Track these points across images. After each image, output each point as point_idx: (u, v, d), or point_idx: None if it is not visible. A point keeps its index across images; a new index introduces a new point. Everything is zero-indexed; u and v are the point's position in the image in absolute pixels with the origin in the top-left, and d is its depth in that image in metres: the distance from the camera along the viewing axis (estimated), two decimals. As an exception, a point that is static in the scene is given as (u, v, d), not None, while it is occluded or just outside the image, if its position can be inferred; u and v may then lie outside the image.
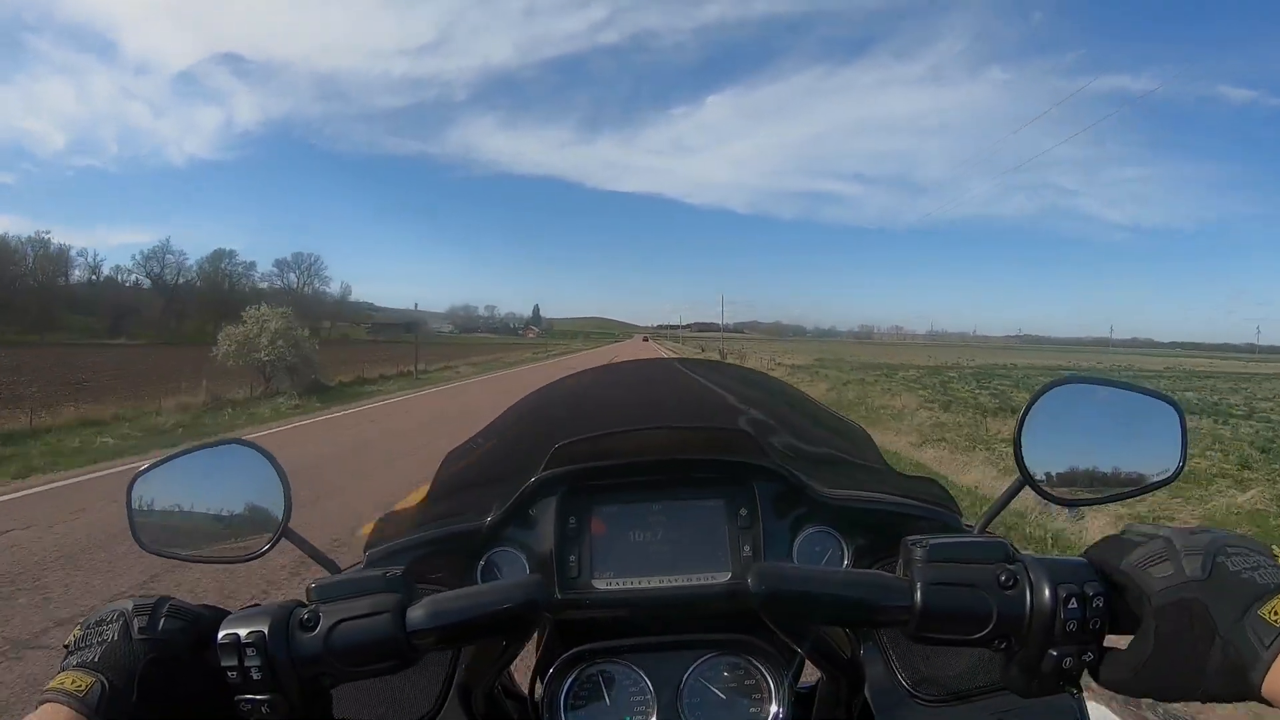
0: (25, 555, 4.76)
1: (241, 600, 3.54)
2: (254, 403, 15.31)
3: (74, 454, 9.07)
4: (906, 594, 0.56)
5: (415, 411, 14.67)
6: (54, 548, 4.93)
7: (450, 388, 21.52)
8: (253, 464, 0.68)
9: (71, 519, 5.69)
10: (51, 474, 7.84)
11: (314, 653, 0.56)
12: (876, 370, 36.65)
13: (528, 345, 64.63)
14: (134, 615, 0.56)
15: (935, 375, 33.77)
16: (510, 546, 0.80)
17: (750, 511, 0.78)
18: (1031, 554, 0.59)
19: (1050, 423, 0.66)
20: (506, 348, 63.32)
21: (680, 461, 0.80)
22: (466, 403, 15.90)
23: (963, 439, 11.14)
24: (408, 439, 10.36)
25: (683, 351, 57.14)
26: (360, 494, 6.55)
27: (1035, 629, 0.55)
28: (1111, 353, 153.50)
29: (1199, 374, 50.24)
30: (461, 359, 36.20)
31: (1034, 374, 36.13)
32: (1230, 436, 13.29)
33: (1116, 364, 62.91)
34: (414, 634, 0.56)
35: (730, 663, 0.75)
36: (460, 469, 0.93)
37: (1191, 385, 33.75)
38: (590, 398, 1.07)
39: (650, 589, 0.76)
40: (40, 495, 6.75)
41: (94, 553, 4.81)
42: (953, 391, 21.97)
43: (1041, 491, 0.66)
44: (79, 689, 0.50)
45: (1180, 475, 0.68)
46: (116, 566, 4.52)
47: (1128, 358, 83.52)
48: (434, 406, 15.69)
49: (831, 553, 0.80)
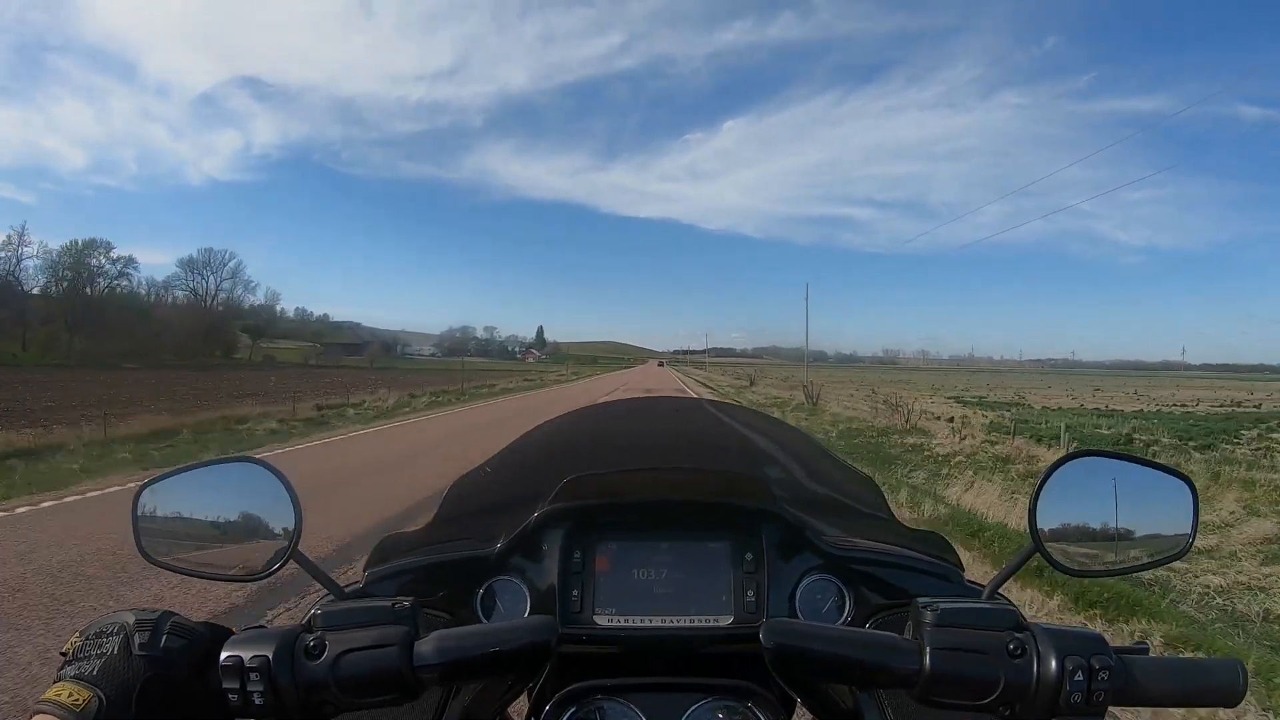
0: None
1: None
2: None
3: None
4: (915, 657, 0.57)
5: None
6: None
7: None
8: (264, 483, 0.68)
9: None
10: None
11: (318, 680, 0.56)
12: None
13: (521, 371, 50.57)
14: (135, 630, 0.55)
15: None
16: (513, 576, 0.79)
17: (755, 556, 0.78)
18: (1042, 623, 0.59)
19: (1065, 493, 0.67)
20: (495, 374, 47.05)
21: (688, 504, 0.80)
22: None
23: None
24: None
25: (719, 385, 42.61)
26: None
27: (1040, 698, 0.56)
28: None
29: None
30: (423, 386, 29.01)
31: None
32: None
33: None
34: (420, 669, 0.56)
35: (728, 707, 0.75)
36: (468, 495, 0.93)
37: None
38: (602, 431, 1.07)
39: (652, 628, 0.76)
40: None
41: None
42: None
43: (1052, 560, 0.67)
44: (76, 703, 0.50)
45: (1189, 551, 0.69)
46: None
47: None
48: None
49: (834, 601, 0.80)
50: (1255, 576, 5.54)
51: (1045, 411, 26.59)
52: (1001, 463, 10.94)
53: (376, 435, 13.53)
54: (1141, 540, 0.69)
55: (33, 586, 4.19)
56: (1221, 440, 15.55)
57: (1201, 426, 19.10)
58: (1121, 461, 0.69)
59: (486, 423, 15.91)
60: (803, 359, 42.47)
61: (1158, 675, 0.59)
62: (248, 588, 4.02)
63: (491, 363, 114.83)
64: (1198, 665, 0.62)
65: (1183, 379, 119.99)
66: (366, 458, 10.08)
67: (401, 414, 18.71)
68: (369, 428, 14.83)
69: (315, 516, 3.46)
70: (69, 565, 4.62)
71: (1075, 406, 31.23)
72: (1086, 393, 48.18)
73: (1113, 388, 61.26)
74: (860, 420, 18.30)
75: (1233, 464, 10.83)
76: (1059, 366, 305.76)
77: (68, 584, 4.27)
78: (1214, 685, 0.59)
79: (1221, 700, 0.59)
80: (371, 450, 10.93)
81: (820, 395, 25.25)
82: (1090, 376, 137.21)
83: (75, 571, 4.49)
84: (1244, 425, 19.27)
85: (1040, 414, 24.48)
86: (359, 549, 4.78)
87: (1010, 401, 34.28)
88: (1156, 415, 25.14)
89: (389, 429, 14.72)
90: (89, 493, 7.14)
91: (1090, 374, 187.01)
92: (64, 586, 4.22)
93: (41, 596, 4.04)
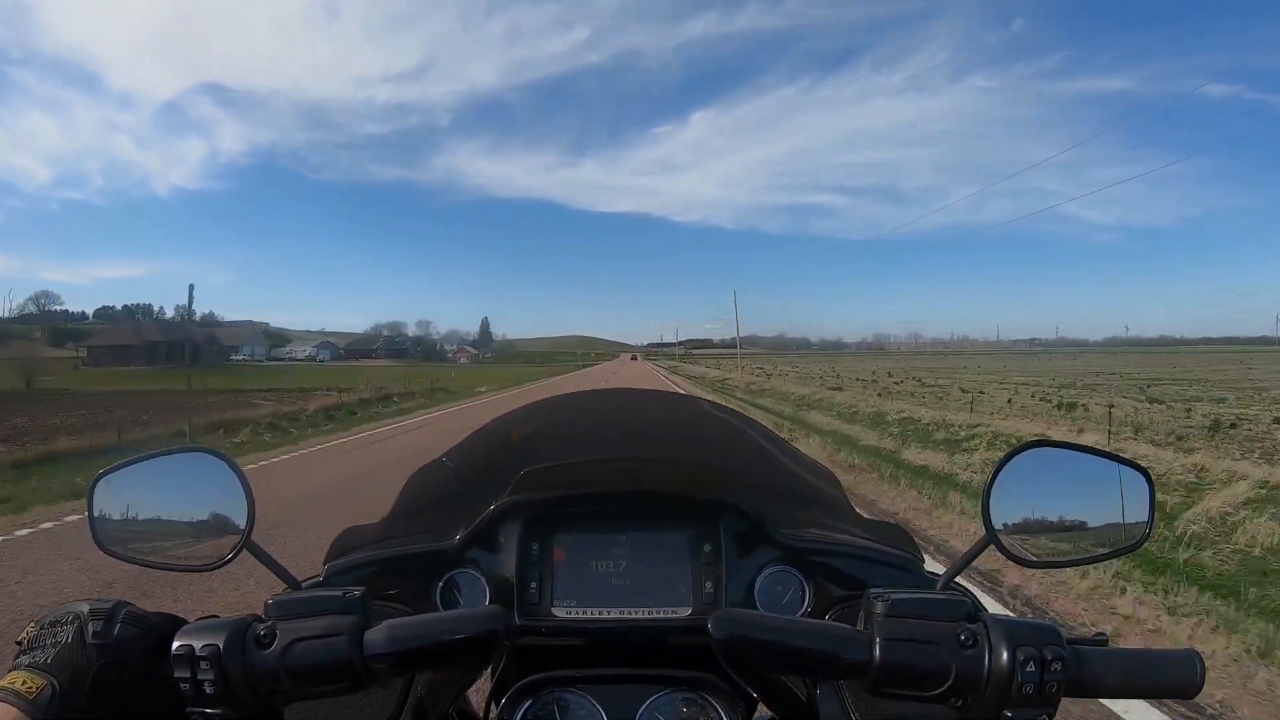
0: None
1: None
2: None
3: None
4: (865, 648, 0.56)
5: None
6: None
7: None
8: (218, 474, 0.67)
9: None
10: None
11: (268, 669, 0.55)
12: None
13: (441, 374, 37.09)
14: (89, 619, 0.55)
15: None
16: (471, 569, 0.79)
17: (714, 548, 0.78)
18: (994, 614, 0.59)
19: (1020, 484, 0.67)
20: (386, 382, 27.80)
21: (646, 494, 0.80)
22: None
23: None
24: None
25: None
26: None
27: (992, 689, 0.55)
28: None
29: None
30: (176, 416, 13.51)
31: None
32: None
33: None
34: (370, 658, 0.56)
35: (686, 699, 0.75)
36: (425, 488, 0.93)
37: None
38: (559, 423, 1.07)
39: (610, 620, 0.76)
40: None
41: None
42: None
43: (1006, 551, 0.66)
44: (29, 690, 0.50)
45: (1147, 542, 0.69)
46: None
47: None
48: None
49: (793, 593, 0.80)
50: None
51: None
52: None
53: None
54: (1099, 530, 0.69)
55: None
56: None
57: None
58: (1076, 452, 0.69)
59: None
60: (786, 348, 41.93)
61: (1113, 666, 0.59)
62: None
63: (404, 365, 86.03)
64: (1155, 656, 0.61)
65: (1176, 353, 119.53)
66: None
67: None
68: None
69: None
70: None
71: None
72: (1134, 370, 44.34)
73: (1150, 367, 57.06)
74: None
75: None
76: (1046, 346, 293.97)
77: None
78: (1171, 676, 0.59)
79: (1179, 691, 0.59)
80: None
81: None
82: (1092, 354, 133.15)
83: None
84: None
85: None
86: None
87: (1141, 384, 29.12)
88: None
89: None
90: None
91: (1090, 352, 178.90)
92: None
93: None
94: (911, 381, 34.45)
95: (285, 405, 19.00)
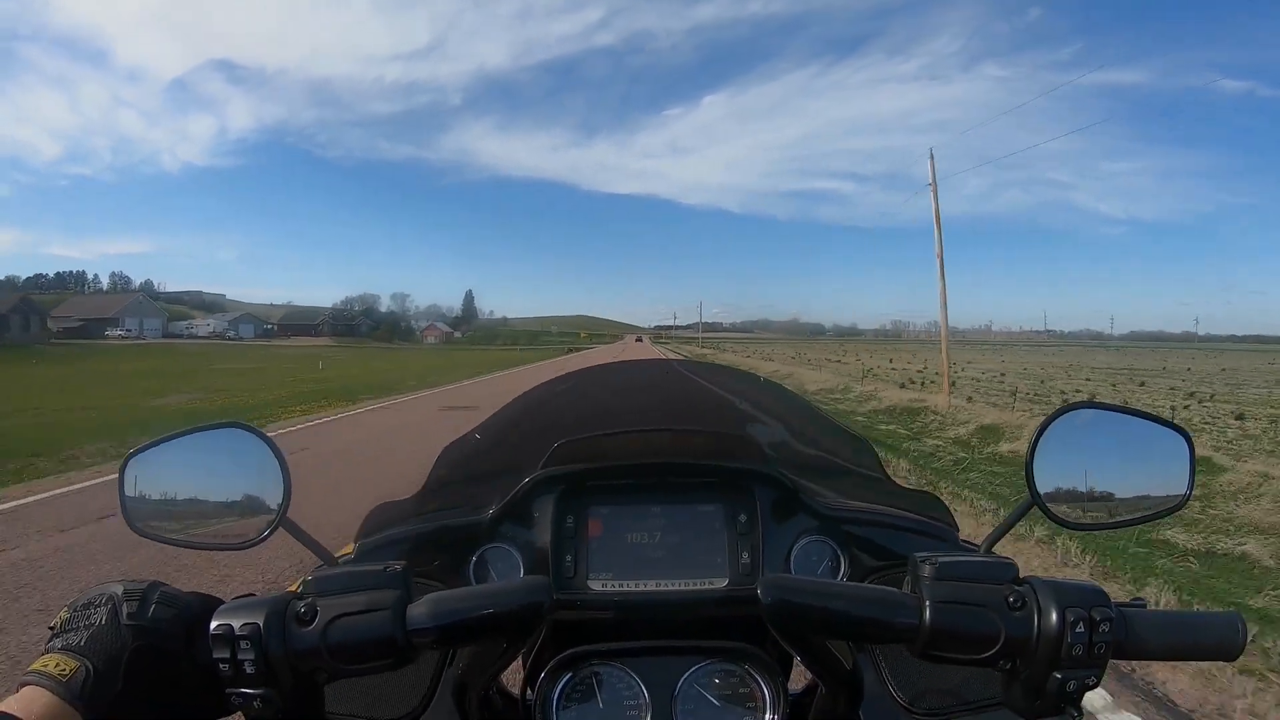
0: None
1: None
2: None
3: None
4: (915, 612, 0.56)
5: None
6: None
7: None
8: (252, 448, 0.66)
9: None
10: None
11: (310, 648, 0.55)
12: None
13: (357, 359, 30.04)
14: (123, 600, 0.55)
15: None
16: (506, 544, 0.79)
17: (749, 518, 0.77)
18: (1040, 576, 0.59)
19: (1062, 446, 0.66)
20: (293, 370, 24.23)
21: (680, 465, 0.79)
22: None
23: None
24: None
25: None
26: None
27: (1041, 651, 0.55)
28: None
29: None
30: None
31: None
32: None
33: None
34: (414, 632, 0.56)
35: (725, 670, 0.75)
36: (457, 463, 0.92)
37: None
38: (591, 397, 1.06)
39: (646, 592, 0.75)
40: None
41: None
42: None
43: (1050, 513, 0.66)
44: (62, 673, 0.49)
45: (1187, 503, 0.68)
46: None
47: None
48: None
49: (828, 562, 0.80)
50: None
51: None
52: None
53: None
54: (1140, 493, 0.69)
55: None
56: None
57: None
58: (1117, 414, 0.68)
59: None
60: (799, 333, 41.45)
61: (1157, 629, 0.59)
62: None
63: (341, 343, 75.17)
64: (1197, 619, 0.61)
65: (1197, 349, 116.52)
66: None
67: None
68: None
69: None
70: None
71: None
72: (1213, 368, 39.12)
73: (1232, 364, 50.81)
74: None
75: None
76: (1082, 339, 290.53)
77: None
78: (1213, 639, 0.59)
79: (1221, 654, 0.59)
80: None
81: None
82: (1129, 349, 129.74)
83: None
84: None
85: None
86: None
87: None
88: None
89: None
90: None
91: (1125, 346, 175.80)
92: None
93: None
94: (1031, 380, 27.32)
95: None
